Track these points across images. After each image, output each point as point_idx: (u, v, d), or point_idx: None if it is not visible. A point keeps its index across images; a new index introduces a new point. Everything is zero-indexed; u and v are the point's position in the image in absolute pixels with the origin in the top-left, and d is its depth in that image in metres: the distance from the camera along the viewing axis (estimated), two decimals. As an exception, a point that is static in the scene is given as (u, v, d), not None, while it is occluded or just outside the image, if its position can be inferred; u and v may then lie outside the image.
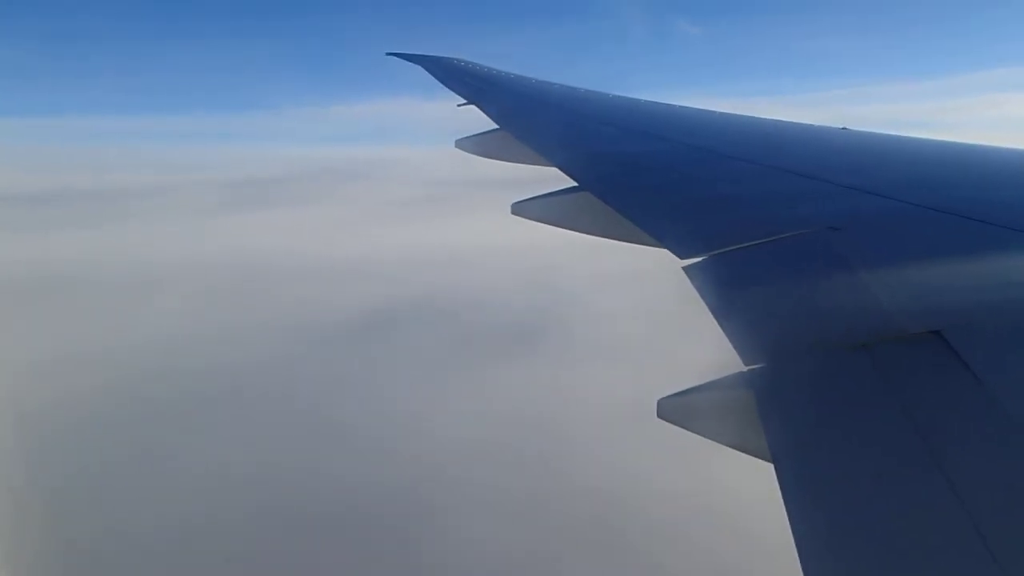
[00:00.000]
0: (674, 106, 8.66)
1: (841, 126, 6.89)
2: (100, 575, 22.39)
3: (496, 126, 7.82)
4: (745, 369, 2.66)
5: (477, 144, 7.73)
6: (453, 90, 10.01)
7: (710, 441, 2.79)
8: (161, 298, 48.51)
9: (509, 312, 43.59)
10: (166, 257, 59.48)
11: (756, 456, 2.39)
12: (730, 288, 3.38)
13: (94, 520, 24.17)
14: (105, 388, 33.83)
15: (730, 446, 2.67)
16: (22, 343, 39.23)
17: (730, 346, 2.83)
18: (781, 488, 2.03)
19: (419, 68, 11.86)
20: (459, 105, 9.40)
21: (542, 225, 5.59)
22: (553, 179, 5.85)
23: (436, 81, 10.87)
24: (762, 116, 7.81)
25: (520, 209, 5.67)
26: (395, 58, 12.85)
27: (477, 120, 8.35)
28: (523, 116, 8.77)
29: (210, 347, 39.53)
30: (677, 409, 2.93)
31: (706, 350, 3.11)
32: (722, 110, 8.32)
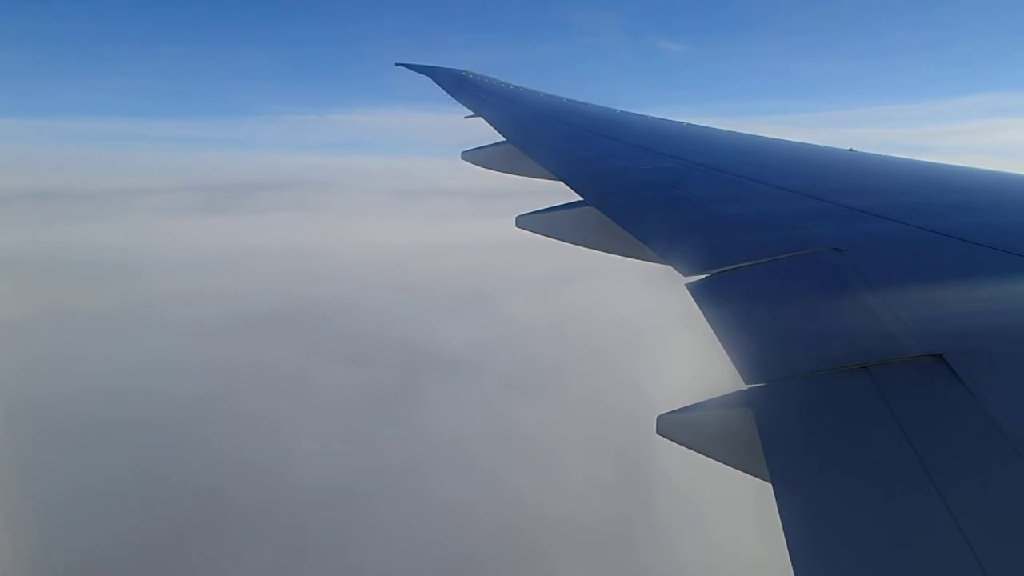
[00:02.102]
0: (680, 123, 8.67)
1: (848, 147, 6.90)
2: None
3: (503, 139, 7.84)
4: (745, 387, 2.65)
5: (483, 156, 7.74)
6: (461, 102, 10.05)
7: (708, 459, 2.79)
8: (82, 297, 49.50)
9: (510, 325, 43.56)
10: (106, 257, 61.02)
11: (754, 475, 2.38)
12: (732, 306, 3.37)
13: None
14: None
15: (728, 464, 2.66)
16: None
17: (731, 364, 2.82)
18: (779, 508, 2.02)
19: (427, 79, 11.91)
20: (466, 117, 9.43)
21: (546, 238, 5.59)
22: (558, 193, 5.86)
23: (444, 92, 10.91)
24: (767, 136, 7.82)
25: (524, 222, 5.68)
26: (403, 68, 12.92)
27: (484, 132, 8.37)
28: (529, 129, 8.79)
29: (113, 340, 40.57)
30: (676, 426, 2.93)
31: (707, 367, 3.10)
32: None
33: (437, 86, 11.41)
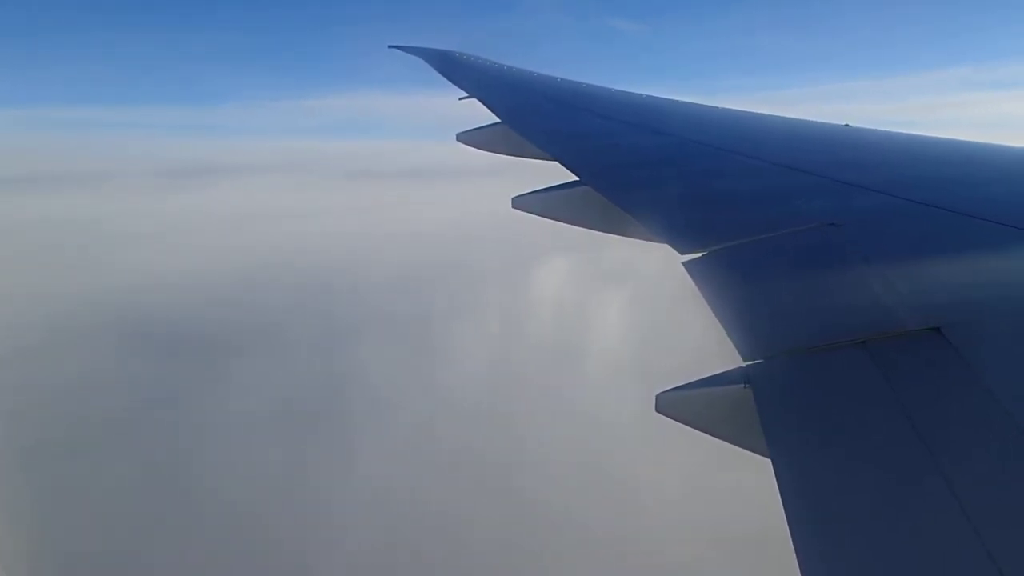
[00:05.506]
0: (675, 101, 8.64)
1: (844, 123, 6.88)
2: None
3: (497, 120, 7.80)
4: (744, 364, 2.65)
5: (478, 137, 7.70)
6: (455, 83, 9.98)
7: (708, 436, 2.79)
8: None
9: (507, 305, 43.62)
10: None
11: (754, 452, 2.39)
12: (729, 283, 3.37)
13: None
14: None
15: (728, 441, 2.67)
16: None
17: (729, 341, 2.82)
18: (778, 484, 2.03)
19: (420, 61, 11.83)
20: (460, 98, 9.38)
21: (542, 219, 5.58)
22: (554, 173, 5.85)
23: (436, 75, 10.84)
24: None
25: (521, 203, 5.67)
26: (396, 50, 12.83)
27: (478, 113, 8.34)
28: (524, 110, 8.75)
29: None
30: (675, 404, 2.93)
31: (705, 345, 3.11)
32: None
33: (428, 68, 11.34)
